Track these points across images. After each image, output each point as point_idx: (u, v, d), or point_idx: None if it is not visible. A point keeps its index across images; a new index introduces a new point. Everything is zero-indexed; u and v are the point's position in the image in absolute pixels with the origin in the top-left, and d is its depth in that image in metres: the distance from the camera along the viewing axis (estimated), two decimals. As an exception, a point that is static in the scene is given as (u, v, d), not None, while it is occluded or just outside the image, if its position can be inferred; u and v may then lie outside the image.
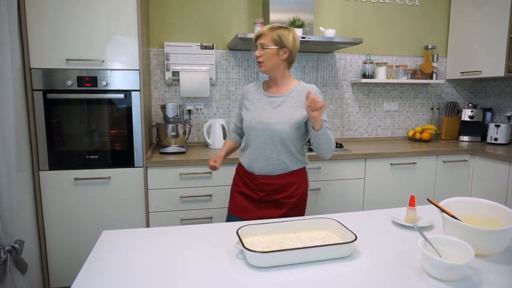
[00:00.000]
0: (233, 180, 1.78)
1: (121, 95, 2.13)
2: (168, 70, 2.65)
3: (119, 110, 2.59)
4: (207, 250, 1.10)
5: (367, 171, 2.50)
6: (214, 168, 1.67)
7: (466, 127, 3.12)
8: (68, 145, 2.42)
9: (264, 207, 1.64)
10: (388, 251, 1.09)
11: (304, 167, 1.70)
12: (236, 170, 1.78)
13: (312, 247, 1.00)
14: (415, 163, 2.59)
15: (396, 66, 3.08)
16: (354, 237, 1.05)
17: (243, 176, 1.70)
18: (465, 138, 3.11)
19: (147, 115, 2.43)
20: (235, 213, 1.69)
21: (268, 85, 1.68)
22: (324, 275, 0.95)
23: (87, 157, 2.16)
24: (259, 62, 1.59)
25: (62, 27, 1.98)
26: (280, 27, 1.55)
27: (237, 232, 1.09)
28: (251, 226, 1.15)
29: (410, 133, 3.11)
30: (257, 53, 1.58)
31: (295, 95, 1.59)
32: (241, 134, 1.81)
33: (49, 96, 2.03)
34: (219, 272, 0.97)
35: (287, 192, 1.62)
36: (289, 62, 1.61)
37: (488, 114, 3.16)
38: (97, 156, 2.17)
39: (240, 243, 1.02)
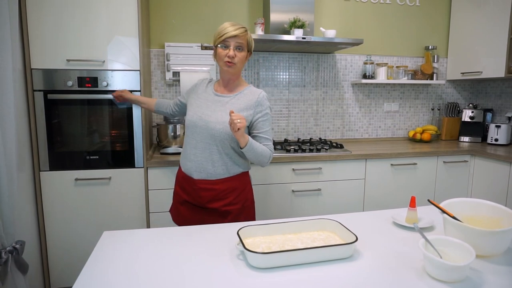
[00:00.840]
0: (174, 190, 1.71)
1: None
2: (168, 71, 2.65)
3: (119, 111, 2.59)
4: (207, 251, 1.10)
5: (367, 172, 2.50)
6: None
7: (467, 128, 3.12)
8: (69, 145, 2.42)
9: (209, 216, 1.58)
10: (388, 252, 1.09)
11: (247, 172, 1.65)
12: (176, 177, 1.70)
13: (313, 248, 1.00)
14: (416, 164, 2.59)
15: (397, 67, 3.08)
16: (354, 238, 1.05)
17: (183, 182, 1.62)
18: (466, 138, 3.11)
19: (148, 115, 2.43)
20: (180, 223, 1.66)
21: (219, 84, 1.63)
22: (324, 275, 0.95)
23: (87, 157, 2.16)
24: (230, 62, 1.50)
25: (63, 28, 1.98)
26: (247, 30, 1.53)
27: (238, 233, 1.09)
28: (252, 227, 1.15)
29: (411, 134, 3.11)
30: (232, 52, 1.48)
31: (242, 97, 1.55)
32: (170, 108, 1.84)
33: (50, 96, 2.04)
34: (220, 273, 0.97)
35: (228, 199, 1.56)
36: None
37: (489, 115, 3.16)
38: (97, 157, 2.17)
39: (241, 244, 1.02)
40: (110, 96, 2.11)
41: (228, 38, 1.48)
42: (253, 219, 1.68)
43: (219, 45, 1.50)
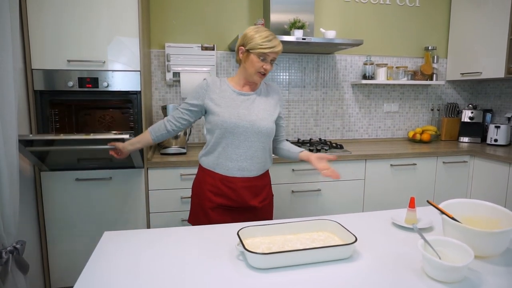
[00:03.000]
0: (202, 194, 1.59)
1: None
2: (169, 71, 2.65)
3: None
4: (207, 251, 1.10)
5: (367, 172, 2.51)
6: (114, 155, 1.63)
7: (466, 128, 3.13)
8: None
9: (241, 215, 1.57)
10: (388, 252, 1.10)
11: (268, 169, 1.69)
12: (205, 180, 1.58)
13: (313, 248, 1.01)
14: (415, 164, 2.59)
15: (397, 67, 3.09)
16: (354, 239, 1.05)
17: (218, 186, 1.55)
18: (465, 139, 3.11)
19: (148, 116, 2.43)
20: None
21: (237, 83, 1.59)
22: (324, 276, 0.96)
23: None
24: (264, 74, 1.53)
25: (63, 28, 1.98)
26: None
27: (238, 234, 1.10)
28: (252, 227, 1.16)
29: (410, 134, 3.11)
30: (269, 66, 1.51)
31: (265, 94, 1.62)
32: (172, 127, 1.61)
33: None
34: (220, 273, 0.97)
35: (262, 195, 1.61)
36: None
37: (488, 115, 3.16)
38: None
39: (241, 245, 1.03)
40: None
41: (271, 53, 1.48)
42: (272, 217, 1.72)
43: (256, 55, 1.47)
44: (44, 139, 1.81)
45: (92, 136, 1.83)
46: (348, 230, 1.12)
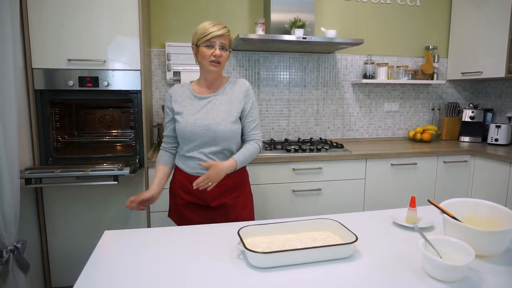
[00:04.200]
0: (173, 190, 1.65)
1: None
2: (169, 70, 2.65)
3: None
4: (208, 251, 1.10)
5: (367, 172, 2.51)
6: (131, 207, 1.48)
7: (467, 128, 3.12)
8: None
9: (214, 213, 1.58)
10: (388, 252, 1.10)
11: (245, 166, 1.65)
12: (175, 177, 1.64)
13: (313, 248, 1.01)
14: (416, 164, 2.59)
15: (397, 67, 3.08)
16: (354, 238, 1.05)
17: (185, 184, 1.57)
18: (466, 138, 3.11)
19: (148, 115, 2.43)
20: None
21: (200, 85, 1.60)
22: (325, 275, 0.96)
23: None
24: (217, 62, 1.49)
25: (64, 28, 1.98)
26: (229, 30, 1.55)
27: (238, 233, 1.09)
28: (252, 226, 1.16)
29: (411, 134, 3.11)
30: (218, 52, 1.48)
31: (228, 91, 1.58)
32: (173, 149, 1.65)
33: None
34: (221, 273, 0.97)
35: (233, 193, 1.59)
36: None
37: (489, 115, 3.16)
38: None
39: (242, 244, 1.03)
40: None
41: (214, 38, 1.47)
42: (253, 211, 1.70)
43: (203, 45, 1.49)
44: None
45: (91, 173, 1.92)
46: (348, 229, 1.11)
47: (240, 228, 1.13)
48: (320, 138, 2.97)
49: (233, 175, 1.56)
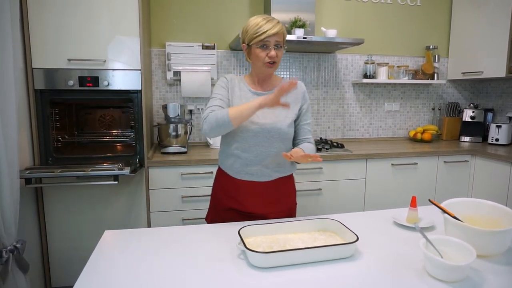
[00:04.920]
0: (216, 194, 1.54)
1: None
2: (169, 70, 2.65)
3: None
4: (208, 251, 1.10)
5: (368, 172, 2.50)
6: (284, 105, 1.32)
7: (467, 128, 3.12)
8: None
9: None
10: (389, 251, 1.10)
11: (292, 174, 1.54)
12: (218, 180, 1.53)
13: (314, 247, 1.01)
14: (416, 164, 2.59)
15: (398, 67, 3.08)
16: (355, 238, 1.05)
17: (230, 185, 1.46)
18: (466, 138, 3.11)
19: (149, 115, 2.43)
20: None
21: (253, 82, 1.49)
22: (325, 275, 0.95)
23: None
24: (272, 63, 1.38)
25: (64, 27, 1.98)
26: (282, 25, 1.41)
27: (239, 233, 1.09)
28: (253, 226, 1.15)
29: (411, 134, 3.10)
30: (274, 53, 1.36)
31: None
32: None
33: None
34: (221, 272, 0.97)
35: (278, 204, 1.47)
36: None
37: (489, 115, 3.16)
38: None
39: (242, 243, 1.03)
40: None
41: (268, 37, 1.34)
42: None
43: (256, 46, 1.36)
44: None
45: (91, 173, 1.90)
46: (349, 229, 1.11)
47: (241, 228, 1.12)
48: (321, 138, 2.97)
49: (280, 186, 1.47)
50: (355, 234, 1.07)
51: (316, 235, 1.17)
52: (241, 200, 1.45)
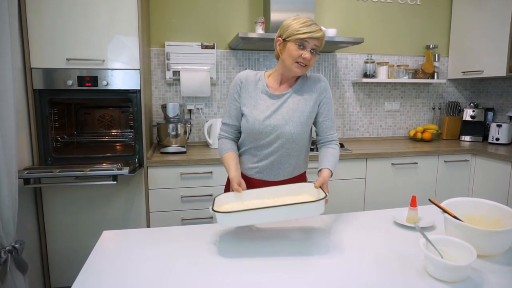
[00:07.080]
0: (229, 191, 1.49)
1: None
2: (168, 70, 2.65)
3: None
4: (208, 250, 1.10)
5: (368, 171, 2.50)
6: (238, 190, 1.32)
7: (468, 127, 3.11)
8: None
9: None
10: (389, 251, 1.09)
11: (305, 172, 1.56)
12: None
13: (278, 206, 1.05)
14: (417, 163, 2.58)
15: (398, 66, 3.07)
16: (324, 196, 1.07)
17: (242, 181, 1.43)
18: (467, 138, 3.10)
19: (148, 114, 2.42)
20: None
21: (275, 80, 1.45)
22: (325, 275, 0.95)
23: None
24: (304, 65, 1.35)
25: (62, 27, 1.97)
26: None
27: (213, 199, 1.15)
28: (230, 193, 1.21)
29: (412, 133, 3.10)
30: (309, 55, 1.32)
31: (301, 87, 1.44)
32: (235, 134, 1.51)
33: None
34: (221, 272, 0.97)
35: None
36: None
37: (490, 114, 3.15)
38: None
39: (211, 208, 1.08)
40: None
41: (309, 39, 1.31)
42: None
43: (294, 42, 1.32)
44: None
45: (90, 173, 1.90)
46: (324, 191, 1.19)
47: (217, 195, 1.17)
48: (320, 138, 2.96)
49: (287, 182, 1.44)
50: (326, 194, 1.16)
51: (294, 199, 1.20)
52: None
